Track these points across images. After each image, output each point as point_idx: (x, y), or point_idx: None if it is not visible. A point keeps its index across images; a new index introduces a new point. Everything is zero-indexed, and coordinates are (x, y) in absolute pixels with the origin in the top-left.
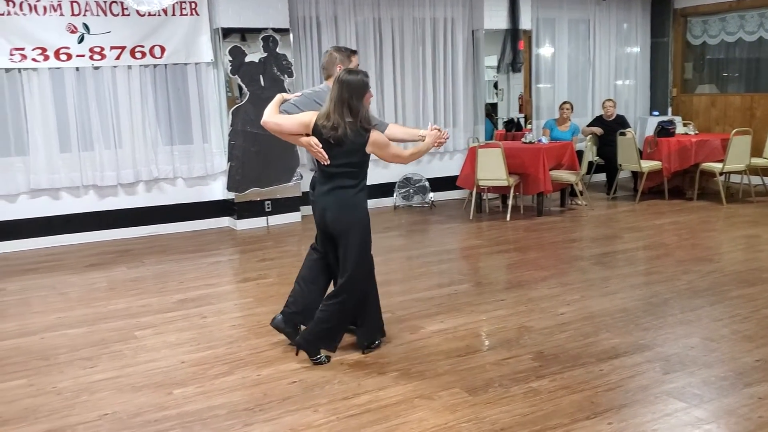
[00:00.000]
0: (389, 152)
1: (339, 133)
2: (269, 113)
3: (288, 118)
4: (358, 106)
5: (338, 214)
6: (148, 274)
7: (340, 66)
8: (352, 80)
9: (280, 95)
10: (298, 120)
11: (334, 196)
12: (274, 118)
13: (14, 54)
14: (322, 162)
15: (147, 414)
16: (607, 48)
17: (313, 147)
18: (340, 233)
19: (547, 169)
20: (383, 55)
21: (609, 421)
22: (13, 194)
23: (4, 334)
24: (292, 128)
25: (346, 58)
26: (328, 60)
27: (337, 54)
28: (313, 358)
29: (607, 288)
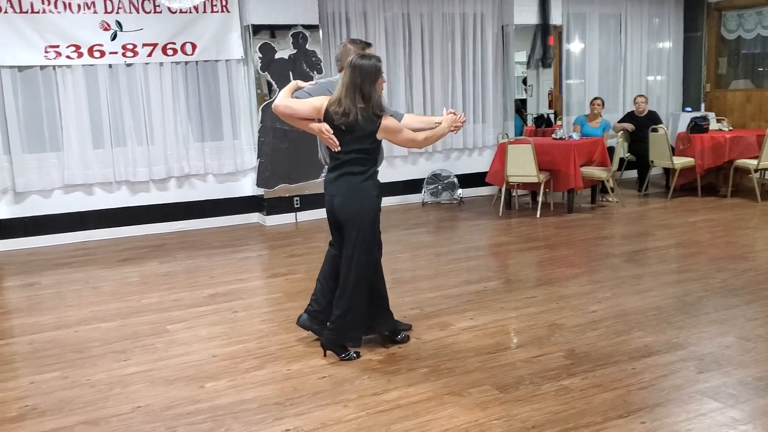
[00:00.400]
0: (402, 137)
1: (350, 119)
2: (281, 97)
3: (299, 102)
4: (371, 91)
5: (345, 200)
6: (180, 268)
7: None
8: (364, 65)
9: (294, 82)
10: (309, 104)
11: (342, 182)
12: (286, 102)
13: (49, 51)
14: (333, 149)
15: (179, 407)
16: (638, 43)
17: (324, 133)
18: (346, 221)
19: (577, 166)
20: (412, 50)
21: (642, 420)
22: (47, 189)
23: (39, 327)
24: (303, 112)
25: (360, 50)
26: (342, 52)
27: (351, 46)
28: (341, 356)
29: (640, 286)
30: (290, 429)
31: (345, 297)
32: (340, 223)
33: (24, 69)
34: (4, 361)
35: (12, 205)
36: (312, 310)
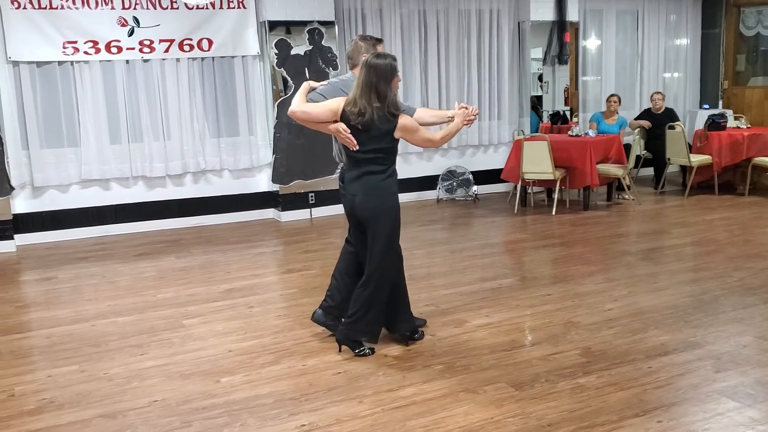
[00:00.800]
0: (419, 137)
1: (366, 119)
2: (297, 102)
3: (316, 106)
4: (386, 90)
5: (366, 199)
6: (196, 263)
7: (365, 55)
8: (380, 64)
9: (306, 83)
10: (326, 107)
11: (362, 182)
12: (302, 107)
13: (67, 47)
14: (351, 148)
15: (195, 401)
16: (655, 40)
17: (341, 133)
18: (368, 219)
19: (593, 163)
20: (428, 47)
21: (658, 419)
22: (65, 184)
23: (57, 320)
24: (321, 116)
25: (371, 46)
26: (354, 49)
27: (363, 43)
28: (355, 351)
29: (656, 284)
30: (305, 424)
31: (367, 292)
32: (361, 221)
33: (42, 65)
34: (23, 355)
35: (30, 199)
36: (327, 305)
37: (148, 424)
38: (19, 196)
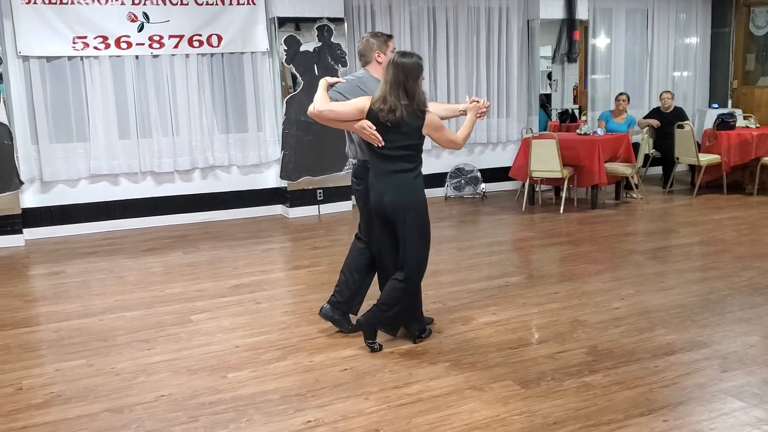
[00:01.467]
0: (444, 136)
1: (397, 116)
2: (322, 101)
3: (344, 105)
4: (414, 88)
5: (397, 197)
6: (203, 259)
7: (378, 52)
8: (407, 63)
9: (324, 81)
10: (354, 106)
11: (393, 179)
12: (329, 107)
13: (77, 42)
14: (376, 144)
15: (202, 396)
16: (665, 38)
17: (366, 130)
18: (398, 217)
19: (602, 162)
20: (437, 44)
21: (664, 419)
22: (74, 179)
23: (66, 315)
24: (348, 115)
25: (383, 43)
26: (365, 46)
27: (374, 40)
28: (367, 341)
29: (663, 283)
30: (311, 421)
31: (404, 285)
32: (391, 219)
33: (52, 60)
34: (31, 349)
35: (39, 194)
36: (335, 300)
37: (155, 419)
38: (29, 190)
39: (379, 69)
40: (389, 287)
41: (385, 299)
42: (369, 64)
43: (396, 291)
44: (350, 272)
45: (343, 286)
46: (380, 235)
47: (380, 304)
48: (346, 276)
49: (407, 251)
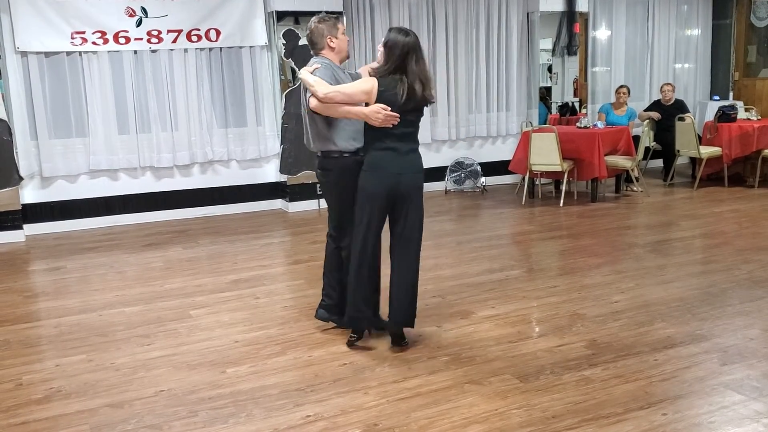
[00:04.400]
0: None
1: (417, 94)
2: (324, 84)
3: (352, 87)
4: (424, 63)
5: (415, 177)
6: (203, 254)
7: (330, 37)
8: (411, 41)
9: (306, 69)
10: (360, 88)
11: (410, 159)
12: (338, 89)
13: (75, 38)
14: (392, 123)
15: (202, 391)
16: (666, 30)
17: (380, 113)
18: (411, 197)
19: (602, 155)
20: (436, 37)
21: (663, 412)
22: (73, 174)
23: (65, 310)
24: (356, 96)
25: (333, 27)
26: (316, 33)
27: (323, 25)
28: (351, 338)
29: (663, 276)
30: (311, 415)
31: (414, 272)
32: (400, 200)
33: (51, 55)
34: (31, 344)
35: (38, 189)
36: (326, 304)
37: (155, 414)
38: (28, 186)
39: (333, 54)
40: (402, 283)
41: (410, 292)
42: (323, 50)
43: (410, 279)
44: (330, 274)
45: (329, 289)
46: (377, 223)
47: (409, 299)
48: (329, 278)
49: (410, 230)
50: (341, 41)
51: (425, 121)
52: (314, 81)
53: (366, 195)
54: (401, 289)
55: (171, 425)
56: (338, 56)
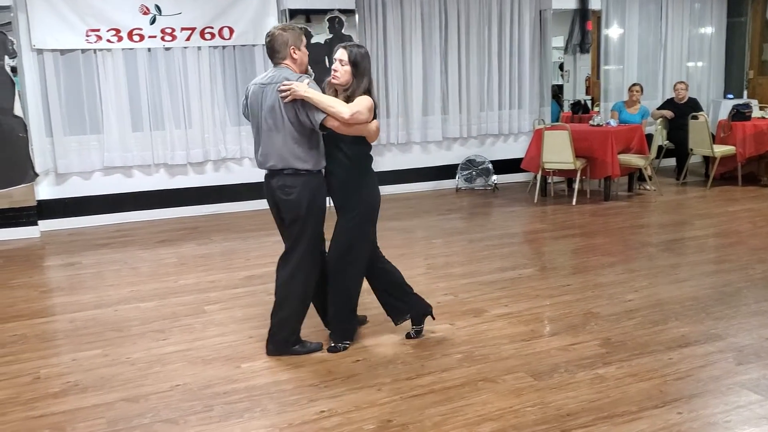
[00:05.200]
0: None
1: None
2: (342, 104)
3: (366, 104)
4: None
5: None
6: (216, 250)
7: (293, 47)
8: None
9: (309, 85)
10: (368, 106)
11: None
12: (359, 108)
13: (90, 35)
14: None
15: (217, 386)
16: (679, 28)
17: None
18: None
19: (615, 153)
20: (448, 35)
21: (678, 411)
22: (87, 171)
23: (81, 305)
24: (370, 114)
25: (298, 38)
26: (279, 41)
27: (288, 34)
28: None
29: (677, 275)
30: (324, 411)
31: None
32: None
33: (66, 52)
34: (47, 339)
35: (53, 186)
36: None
37: (171, 408)
38: (43, 182)
39: (294, 65)
40: (398, 277)
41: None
42: (284, 60)
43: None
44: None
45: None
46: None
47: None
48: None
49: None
50: (303, 54)
51: (436, 119)
52: (333, 101)
53: (376, 209)
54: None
55: (187, 419)
56: (299, 68)
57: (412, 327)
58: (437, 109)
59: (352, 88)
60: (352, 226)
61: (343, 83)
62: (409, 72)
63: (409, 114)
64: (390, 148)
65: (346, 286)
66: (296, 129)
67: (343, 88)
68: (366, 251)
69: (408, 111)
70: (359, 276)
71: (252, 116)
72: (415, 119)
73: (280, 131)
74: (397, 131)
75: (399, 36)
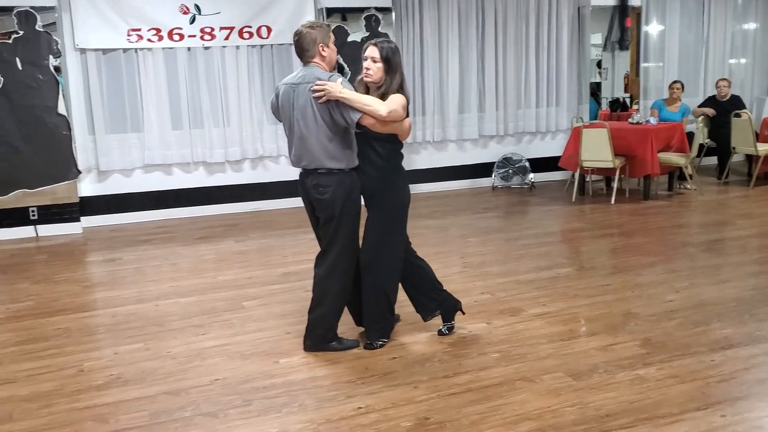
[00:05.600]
0: None
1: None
2: (380, 102)
3: (402, 102)
4: None
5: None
6: (254, 247)
7: (322, 45)
8: (398, 50)
9: (342, 84)
10: (404, 104)
11: None
12: (394, 106)
13: (131, 35)
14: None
15: (255, 381)
16: (722, 24)
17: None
18: None
19: (655, 151)
20: (485, 32)
21: (722, 413)
22: (128, 169)
23: (122, 300)
24: (405, 112)
25: (326, 35)
26: (307, 39)
27: (316, 32)
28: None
29: (719, 276)
30: (362, 407)
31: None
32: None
33: (108, 52)
34: (90, 332)
35: (95, 183)
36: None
37: (210, 402)
38: (86, 179)
39: (324, 63)
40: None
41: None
42: (313, 58)
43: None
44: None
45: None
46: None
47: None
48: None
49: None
50: (332, 51)
51: (472, 117)
52: (369, 100)
53: (406, 206)
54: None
55: (226, 413)
56: (328, 66)
57: (443, 323)
58: (473, 106)
59: (386, 84)
60: (383, 224)
61: (376, 80)
62: (446, 69)
63: (445, 112)
64: (425, 146)
65: (381, 285)
66: (330, 129)
67: (376, 85)
68: (399, 249)
69: (444, 109)
70: (394, 274)
71: (284, 116)
72: (451, 117)
73: (312, 131)
74: (432, 129)
75: (435, 33)
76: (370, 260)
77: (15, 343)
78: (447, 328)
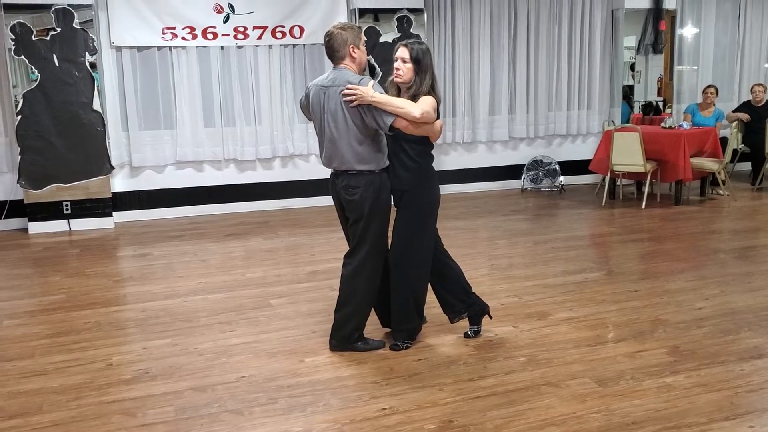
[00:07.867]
0: None
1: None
2: (412, 104)
3: (435, 106)
4: None
5: None
6: (282, 245)
7: (352, 46)
8: (428, 50)
9: (374, 87)
10: (434, 106)
11: None
12: (426, 108)
13: (166, 33)
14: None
15: (281, 379)
16: (758, 28)
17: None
18: None
19: (687, 156)
20: (517, 34)
21: (750, 424)
22: (161, 165)
23: (152, 295)
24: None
25: (357, 36)
26: (339, 41)
27: (347, 33)
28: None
29: (751, 284)
30: (386, 408)
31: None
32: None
33: (142, 50)
34: (120, 327)
35: (128, 179)
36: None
37: (236, 399)
38: (118, 175)
39: (354, 65)
40: (458, 274)
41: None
42: (343, 60)
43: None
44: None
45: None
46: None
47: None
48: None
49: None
50: (362, 53)
51: (503, 119)
52: (401, 102)
53: (436, 207)
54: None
55: (252, 411)
56: (358, 68)
57: (470, 327)
58: (504, 108)
59: (416, 85)
60: (412, 224)
61: (407, 81)
62: (477, 71)
63: (476, 113)
64: (455, 147)
65: (409, 285)
66: (361, 132)
67: (406, 86)
68: (429, 250)
69: (474, 110)
70: (423, 275)
71: (314, 118)
72: (482, 118)
73: (343, 134)
74: (462, 130)
75: (467, 35)
76: (398, 259)
77: (46, 335)
78: (473, 332)
